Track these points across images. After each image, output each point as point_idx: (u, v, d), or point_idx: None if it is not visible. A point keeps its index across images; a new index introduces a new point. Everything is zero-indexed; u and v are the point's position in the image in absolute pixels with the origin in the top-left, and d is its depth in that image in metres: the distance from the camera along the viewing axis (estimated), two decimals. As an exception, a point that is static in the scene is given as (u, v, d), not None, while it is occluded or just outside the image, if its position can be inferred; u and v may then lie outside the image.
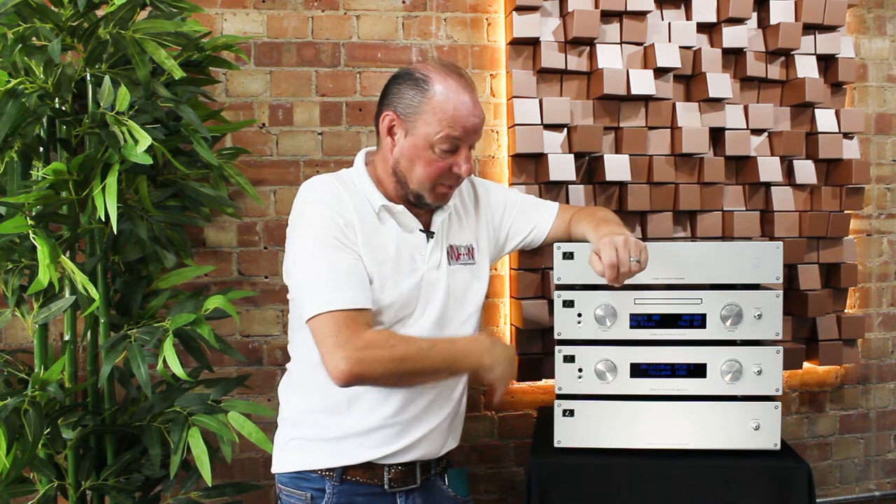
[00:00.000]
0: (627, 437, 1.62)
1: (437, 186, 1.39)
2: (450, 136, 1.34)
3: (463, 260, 1.48)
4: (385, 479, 1.41)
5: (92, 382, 1.64)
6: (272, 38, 2.06)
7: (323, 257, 1.32)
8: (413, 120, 1.35)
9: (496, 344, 1.39)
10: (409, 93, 1.36)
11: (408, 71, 1.39)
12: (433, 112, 1.33)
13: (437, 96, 1.34)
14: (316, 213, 1.35)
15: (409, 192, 1.40)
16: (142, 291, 1.75)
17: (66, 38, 1.52)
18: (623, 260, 1.34)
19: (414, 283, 1.39)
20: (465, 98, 1.35)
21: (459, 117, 1.34)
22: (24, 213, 1.46)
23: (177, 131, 1.67)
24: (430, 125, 1.34)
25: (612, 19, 2.10)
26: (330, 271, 1.31)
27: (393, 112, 1.37)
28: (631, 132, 2.11)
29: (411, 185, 1.39)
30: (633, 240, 1.36)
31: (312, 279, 1.31)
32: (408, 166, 1.37)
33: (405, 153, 1.37)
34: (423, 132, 1.34)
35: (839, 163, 2.23)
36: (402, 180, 1.39)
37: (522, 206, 1.63)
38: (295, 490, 1.42)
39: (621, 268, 1.34)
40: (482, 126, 1.40)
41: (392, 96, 1.39)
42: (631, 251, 1.35)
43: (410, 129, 1.36)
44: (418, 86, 1.35)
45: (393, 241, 1.39)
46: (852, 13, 2.34)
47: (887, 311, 2.41)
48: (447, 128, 1.33)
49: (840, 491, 2.40)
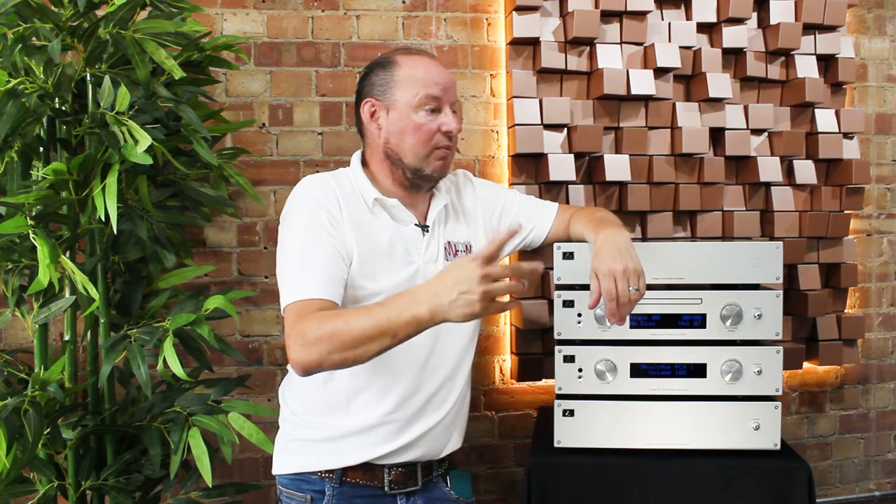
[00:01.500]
0: (627, 437, 1.62)
1: (431, 152, 1.39)
2: (428, 94, 1.37)
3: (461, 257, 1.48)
4: (385, 480, 1.40)
5: (92, 382, 1.64)
6: (272, 38, 2.06)
7: (295, 251, 1.32)
8: (389, 94, 1.39)
9: (446, 278, 1.12)
10: (378, 76, 1.41)
11: (371, 62, 1.46)
12: (405, 80, 1.38)
13: (404, 66, 1.39)
14: (297, 206, 1.37)
15: (407, 170, 1.40)
16: (142, 291, 1.75)
17: (66, 38, 1.52)
18: (622, 292, 1.33)
19: (408, 274, 1.38)
20: (431, 64, 1.40)
21: (431, 77, 1.38)
22: (24, 213, 1.46)
23: (177, 131, 1.67)
24: (407, 92, 1.37)
25: (612, 19, 2.10)
26: (298, 264, 1.30)
27: (370, 98, 1.41)
28: (631, 132, 2.11)
29: (407, 160, 1.39)
30: (631, 266, 1.35)
31: (284, 272, 1.32)
32: (398, 141, 1.39)
33: (392, 129, 1.39)
34: (403, 100, 1.38)
35: (839, 163, 2.23)
36: (396, 160, 1.40)
37: (521, 207, 1.63)
38: (295, 492, 1.42)
39: (620, 299, 1.33)
40: (455, 88, 1.43)
41: (364, 87, 1.44)
42: (630, 281, 1.34)
43: (390, 104, 1.39)
44: (384, 66, 1.41)
45: (386, 233, 1.39)
46: (852, 13, 2.34)
47: (887, 311, 2.41)
48: (423, 87, 1.37)
49: (840, 491, 2.40)
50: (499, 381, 2.19)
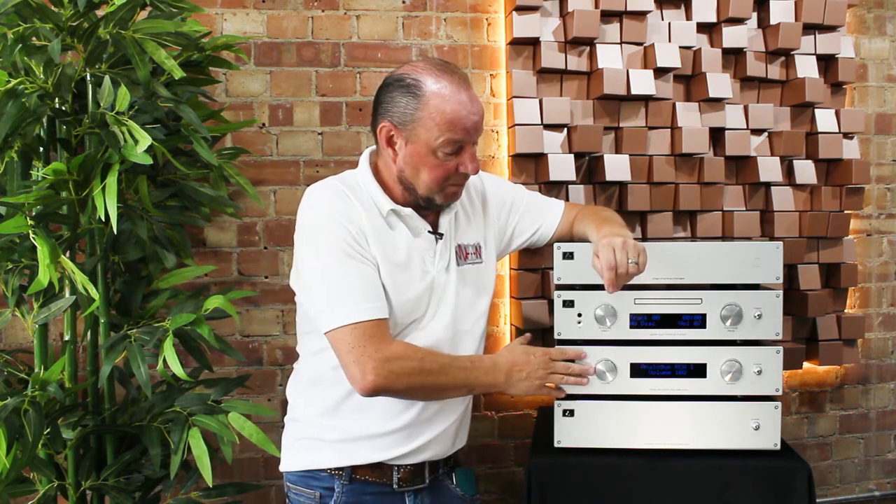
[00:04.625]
0: (627, 437, 1.62)
1: (445, 188, 1.36)
2: (451, 139, 1.30)
3: (471, 259, 1.48)
4: (394, 478, 1.40)
5: (92, 382, 1.64)
6: (272, 38, 2.06)
7: (338, 268, 1.29)
8: (411, 128, 1.31)
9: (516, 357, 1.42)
10: (402, 100, 1.31)
11: (398, 77, 1.34)
12: (430, 117, 1.29)
13: (433, 100, 1.29)
14: (325, 220, 1.32)
15: (419, 198, 1.38)
16: (142, 291, 1.75)
17: (66, 38, 1.52)
18: (621, 262, 1.34)
19: (425, 286, 1.38)
20: (462, 97, 1.30)
21: (458, 119, 1.29)
22: (24, 213, 1.46)
23: (177, 131, 1.67)
24: (429, 131, 1.29)
25: (612, 19, 2.10)
26: (346, 282, 1.29)
27: (389, 122, 1.33)
28: (631, 132, 2.11)
29: (420, 191, 1.36)
30: (631, 242, 1.36)
31: (329, 290, 1.29)
32: (413, 174, 1.34)
33: (408, 161, 1.34)
34: (424, 139, 1.30)
35: (839, 163, 2.23)
36: (409, 187, 1.37)
37: (529, 205, 1.62)
38: (304, 489, 1.42)
39: (619, 269, 1.34)
40: (482, 122, 1.35)
41: (386, 104, 1.34)
42: (629, 253, 1.34)
43: (410, 137, 1.31)
44: (411, 92, 1.30)
45: (404, 245, 1.37)
46: (852, 13, 2.34)
47: (887, 311, 2.41)
48: (447, 132, 1.29)
49: (840, 491, 2.40)
50: (499, 381, 2.19)
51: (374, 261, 1.32)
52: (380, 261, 1.33)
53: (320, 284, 1.30)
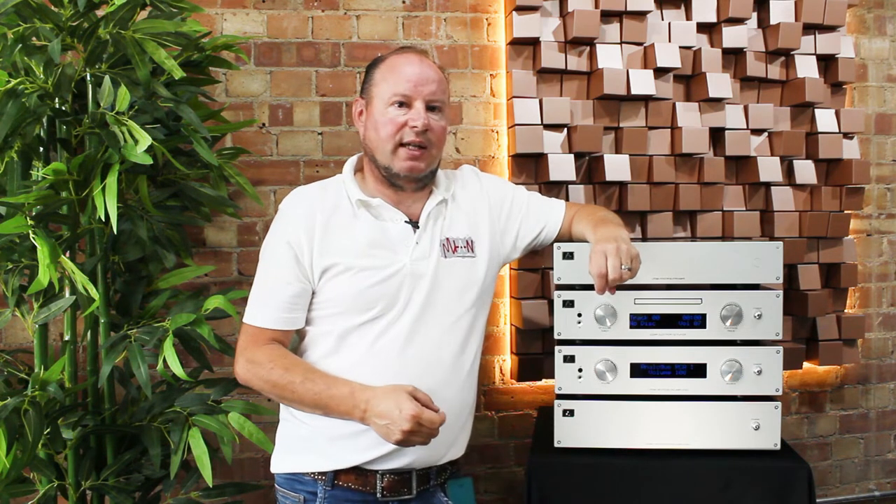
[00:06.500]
0: (627, 437, 1.62)
1: (397, 149, 1.38)
2: (397, 91, 1.37)
3: (461, 253, 1.45)
4: (378, 487, 1.37)
5: (92, 382, 1.64)
6: (272, 38, 2.06)
7: (263, 274, 1.43)
8: (371, 92, 1.41)
9: (382, 403, 1.27)
10: (368, 75, 1.45)
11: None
12: (382, 77, 1.40)
13: (386, 62, 1.42)
14: (276, 222, 1.45)
15: (381, 168, 1.41)
16: (142, 291, 1.75)
17: (66, 38, 1.52)
18: (612, 268, 1.32)
19: (391, 272, 1.37)
20: (412, 58, 1.41)
21: (405, 73, 1.38)
22: (24, 213, 1.46)
23: (177, 131, 1.67)
24: (381, 88, 1.39)
25: (612, 19, 2.10)
26: (264, 288, 1.41)
27: (360, 97, 1.46)
28: (631, 132, 2.11)
29: (378, 157, 1.40)
30: (625, 247, 1.34)
31: (253, 288, 1.44)
32: (373, 136, 1.41)
33: (369, 126, 1.42)
34: (378, 97, 1.39)
35: (839, 163, 2.23)
36: (372, 157, 1.42)
37: (531, 206, 1.59)
38: (290, 491, 1.41)
39: (610, 275, 1.33)
40: (435, 83, 1.39)
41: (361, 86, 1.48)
42: (622, 258, 1.33)
43: (370, 100, 1.42)
44: (373, 65, 1.44)
45: (365, 232, 1.39)
46: (852, 13, 2.34)
47: (887, 311, 2.41)
48: (394, 84, 1.38)
49: (840, 491, 2.40)
50: (499, 381, 2.19)
51: (308, 271, 1.38)
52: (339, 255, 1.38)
53: (255, 279, 1.45)
